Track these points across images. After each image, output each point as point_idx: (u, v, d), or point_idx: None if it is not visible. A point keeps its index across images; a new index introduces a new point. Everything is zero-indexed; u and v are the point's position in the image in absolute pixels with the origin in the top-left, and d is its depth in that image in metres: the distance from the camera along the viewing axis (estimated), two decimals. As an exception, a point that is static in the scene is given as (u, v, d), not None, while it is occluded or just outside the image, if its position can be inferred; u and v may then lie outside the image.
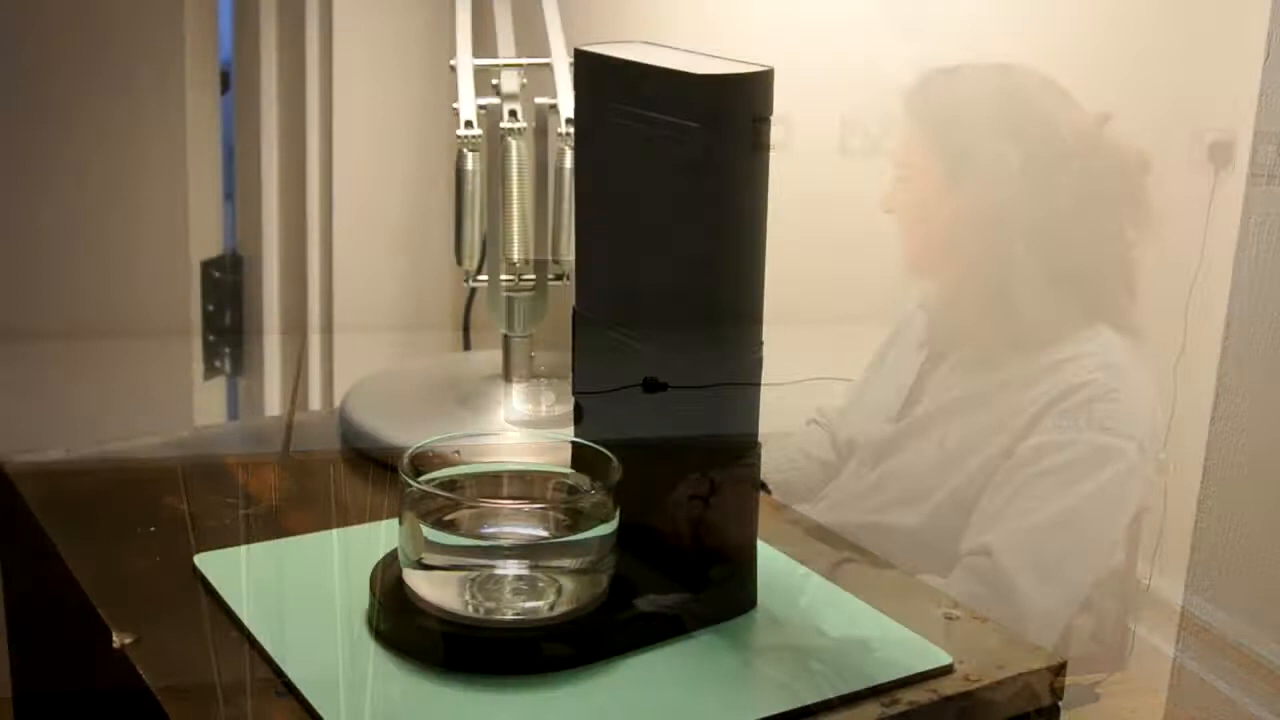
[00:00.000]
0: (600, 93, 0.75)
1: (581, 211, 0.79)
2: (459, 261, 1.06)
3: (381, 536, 0.88)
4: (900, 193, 1.03)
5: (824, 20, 1.00)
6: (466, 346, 1.40)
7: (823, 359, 1.05)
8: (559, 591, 0.77)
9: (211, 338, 1.56)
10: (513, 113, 0.99)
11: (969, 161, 0.98)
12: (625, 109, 0.74)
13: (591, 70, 0.75)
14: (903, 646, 0.80)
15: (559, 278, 1.03)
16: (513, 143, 0.98)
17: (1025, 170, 0.95)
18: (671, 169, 0.73)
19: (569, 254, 1.02)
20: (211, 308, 1.55)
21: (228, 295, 1.54)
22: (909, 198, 1.03)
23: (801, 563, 0.89)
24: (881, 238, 1.03)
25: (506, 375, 1.05)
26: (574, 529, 0.77)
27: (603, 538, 0.78)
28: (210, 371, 1.57)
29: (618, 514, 0.79)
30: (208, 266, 1.54)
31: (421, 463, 0.81)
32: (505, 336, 1.04)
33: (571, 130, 1.00)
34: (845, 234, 1.08)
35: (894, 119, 0.98)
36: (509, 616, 0.76)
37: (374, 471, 1.00)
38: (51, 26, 1.69)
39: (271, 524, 0.91)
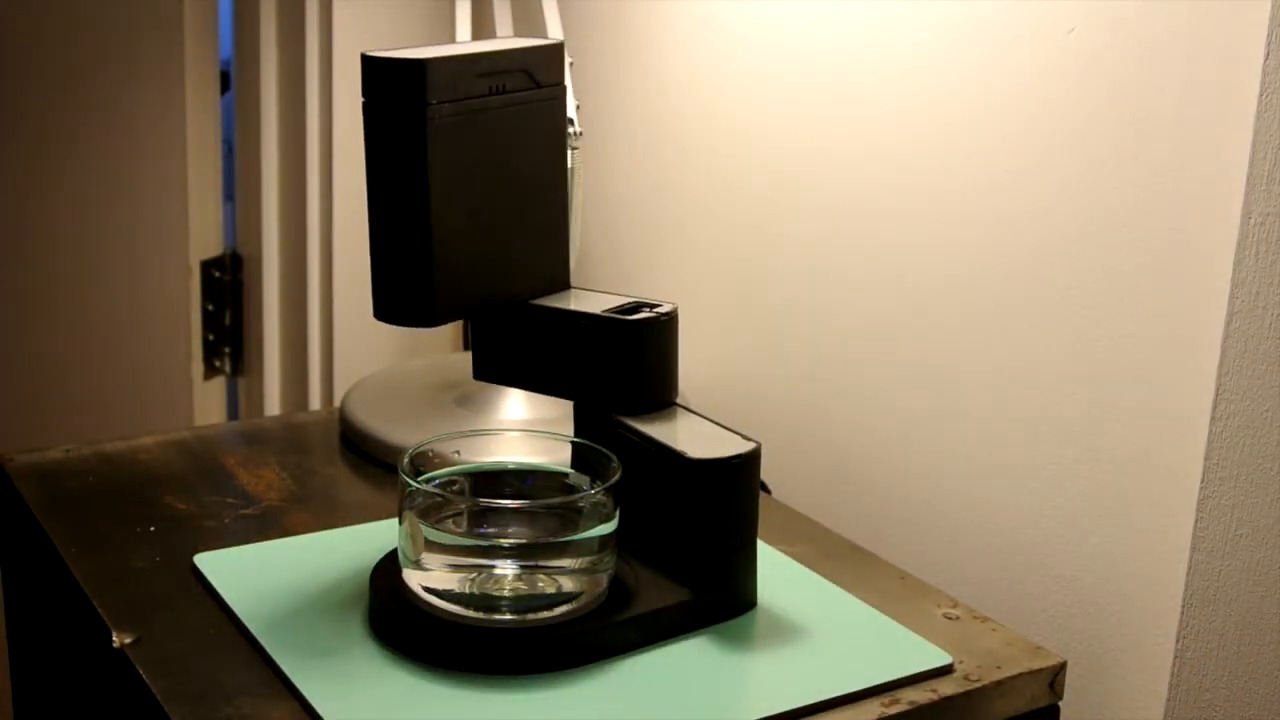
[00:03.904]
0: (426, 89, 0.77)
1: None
2: None
3: (381, 536, 0.88)
4: None
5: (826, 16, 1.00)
6: (466, 346, 1.40)
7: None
8: (559, 591, 0.77)
9: (211, 338, 1.56)
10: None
11: None
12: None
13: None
14: (903, 646, 0.80)
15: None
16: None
17: None
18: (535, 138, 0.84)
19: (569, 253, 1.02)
20: (211, 308, 1.55)
21: (228, 295, 1.54)
22: None
23: (802, 563, 0.89)
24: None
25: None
26: (574, 529, 0.78)
27: (603, 538, 0.78)
28: (210, 371, 1.57)
29: (618, 514, 0.79)
30: (208, 266, 1.54)
31: (421, 463, 0.81)
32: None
33: (570, 130, 1.00)
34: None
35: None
36: (509, 616, 0.76)
37: (374, 471, 1.01)
38: (51, 26, 1.69)
39: (271, 524, 0.92)
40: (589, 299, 0.86)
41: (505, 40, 0.90)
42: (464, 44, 0.87)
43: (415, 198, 0.78)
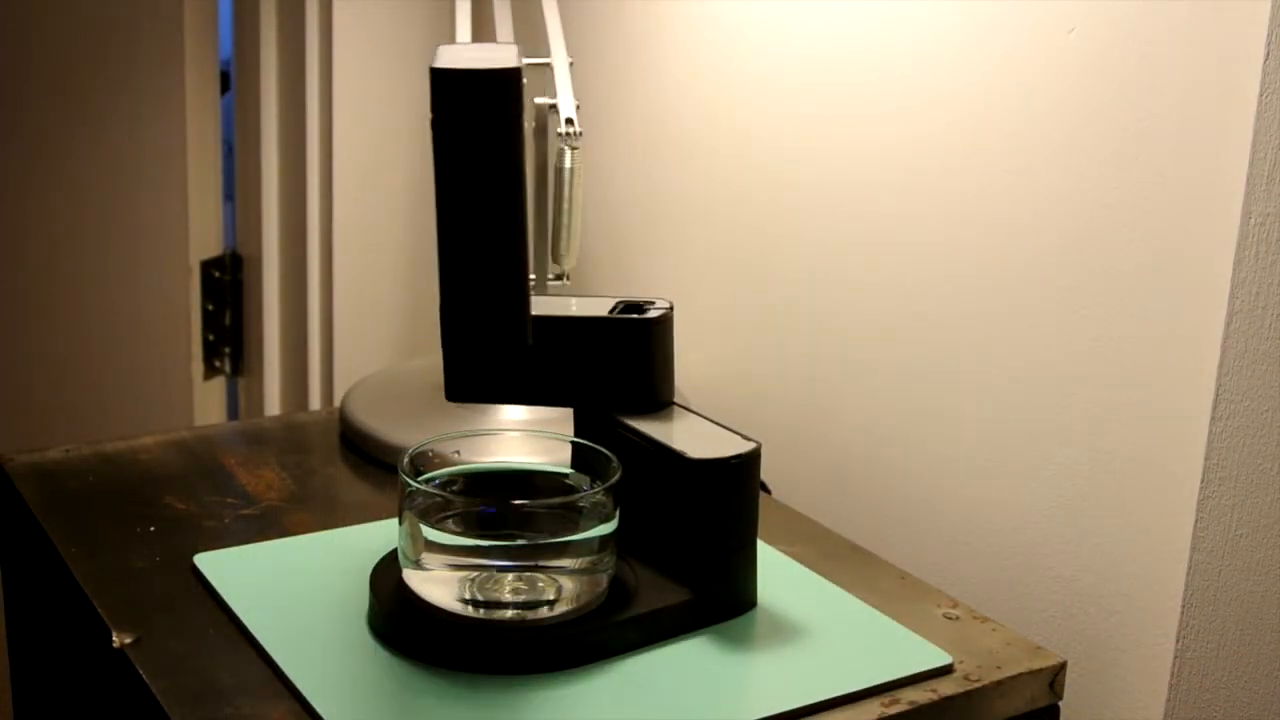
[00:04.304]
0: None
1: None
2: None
3: (381, 536, 0.88)
4: None
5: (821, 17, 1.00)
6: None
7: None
8: (559, 591, 0.77)
9: (211, 338, 1.56)
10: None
11: None
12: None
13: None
14: (903, 646, 0.80)
15: (559, 278, 1.03)
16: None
17: None
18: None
19: (568, 254, 1.02)
20: (211, 308, 1.55)
21: (228, 295, 1.54)
22: None
23: (802, 563, 0.89)
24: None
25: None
26: (574, 529, 0.78)
27: (603, 538, 0.78)
28: (210, 371, 1.57)
29: (618, 514, 0.79)
30: (208, 266, 1.54)
31: (421, 463, 0.81)
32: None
33: (570, 130, 1.00)
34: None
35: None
36: (509, 616, 0.76)
37: (374, 471, 1.01)
38: (51, 26, 1.69)
39: (271, 524, 0.92)
40: (581, 303, 0.85)
41: (502, 46, 0.89)
42: (471, 46, 0.86)
43: (508, 215, 0.75)
